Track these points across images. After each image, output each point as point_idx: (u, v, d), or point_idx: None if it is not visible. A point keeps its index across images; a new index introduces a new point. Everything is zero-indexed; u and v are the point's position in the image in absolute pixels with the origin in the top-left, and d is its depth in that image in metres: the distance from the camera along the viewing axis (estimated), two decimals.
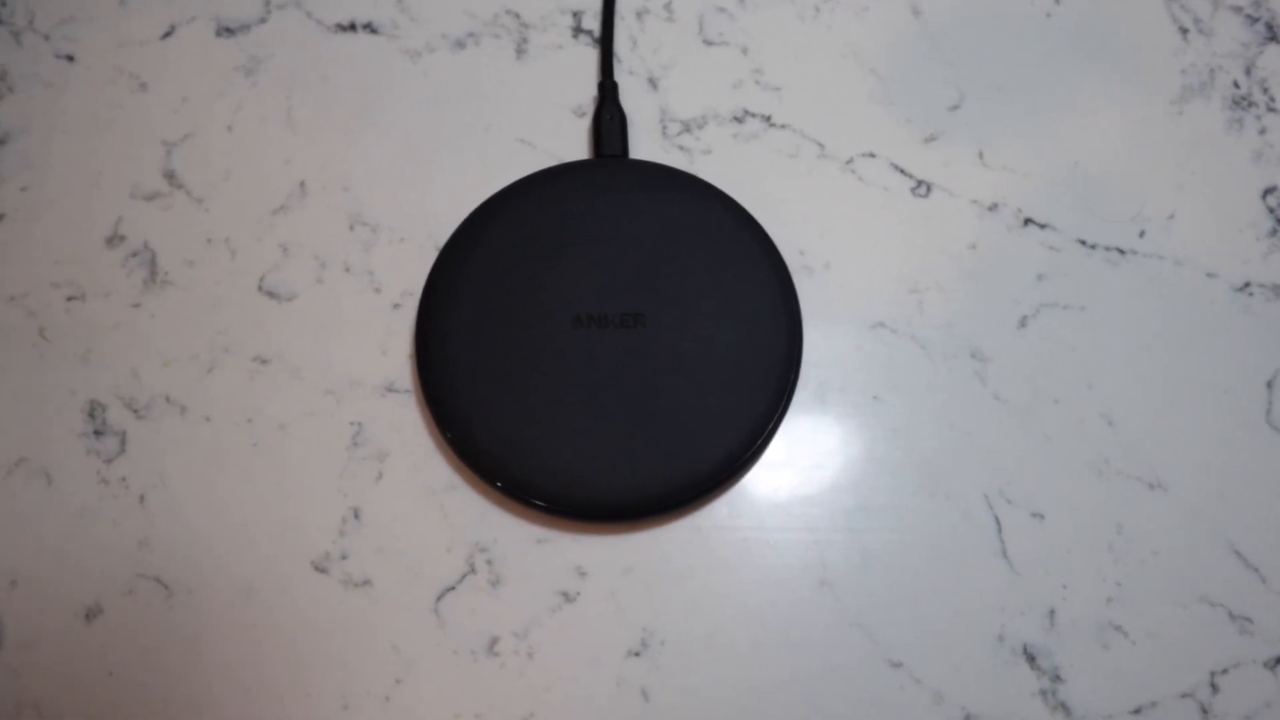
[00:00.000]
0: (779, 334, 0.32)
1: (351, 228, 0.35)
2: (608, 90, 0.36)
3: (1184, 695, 0.30)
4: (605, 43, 0.37)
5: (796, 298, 0.33)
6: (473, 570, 0.32)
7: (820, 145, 0.36)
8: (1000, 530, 0.32)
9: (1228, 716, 0.30)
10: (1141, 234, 0.35)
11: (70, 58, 0.38)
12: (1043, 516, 0.32)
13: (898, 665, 0.31)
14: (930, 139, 0.36)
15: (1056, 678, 0.31)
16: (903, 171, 0.36)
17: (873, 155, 0.36)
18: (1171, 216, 0.35)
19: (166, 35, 0.38)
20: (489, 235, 0.33)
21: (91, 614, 0.32)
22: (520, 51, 0.37)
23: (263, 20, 0.38)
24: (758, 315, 0.32)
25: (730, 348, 0.32)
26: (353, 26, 0.38)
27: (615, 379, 0.32)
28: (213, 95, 0.37)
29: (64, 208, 0.36)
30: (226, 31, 0.38)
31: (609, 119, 0.35)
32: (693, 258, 0.33)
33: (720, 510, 0.32)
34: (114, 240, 0.35)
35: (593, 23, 0.38)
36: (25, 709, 0.31)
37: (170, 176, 0.36)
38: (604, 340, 0.32)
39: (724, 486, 0.32)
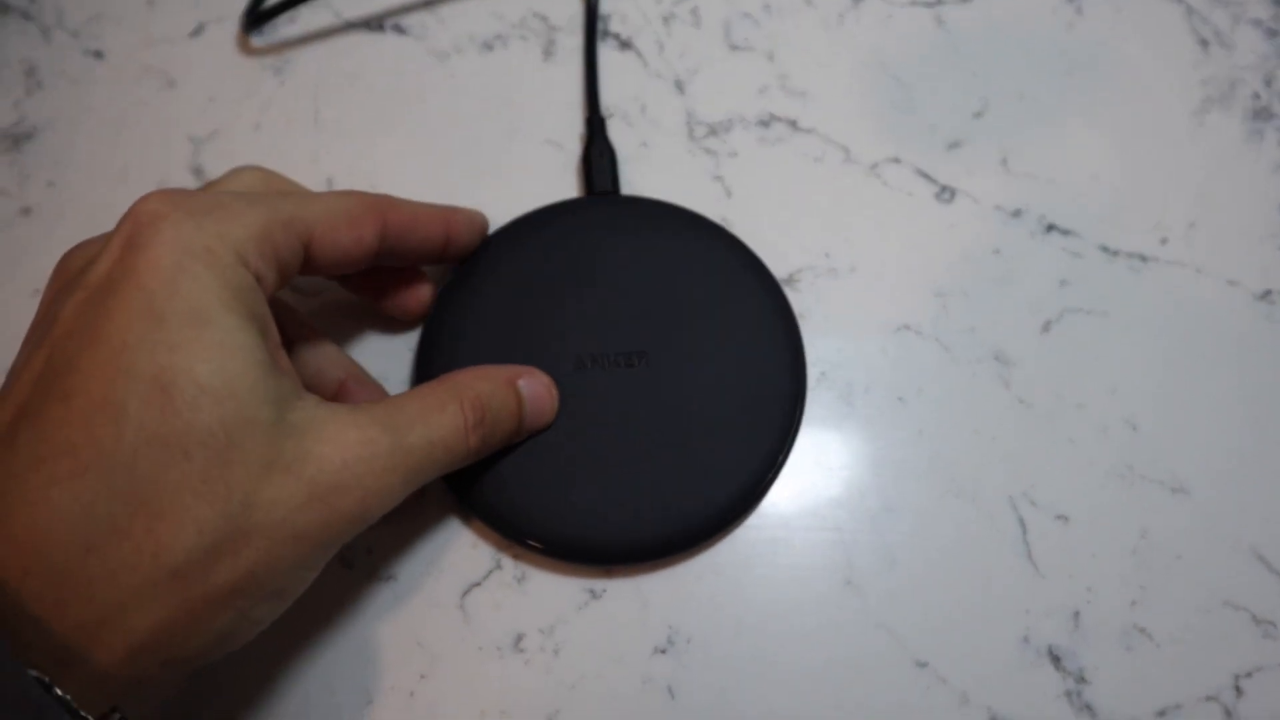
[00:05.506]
0: (781, 369, 0.32)
1: None
2: (595, 126, 0.36)
3: (1208, 698, 0.31)
4: (590, 78, 0.37)
5: (799, 333, 0.33)
6: (498, 566, 0.32)
7: (845, 150, 0.36)
8: (1025, 533, 0.32)
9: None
10: (1163, 241, 0.35)
11: (98, 54, 0.38)
12: (1067, 520, 0.32)
13: (923, 665, 0.31)
14: (954, 145, 0.36)
15: (1081, 679, 0.31)
16: (927, 177, 0.36)
17: (897, 161, 0.36)
18: (1192, 225, 0.35)
19: (195, 34, 0.38)
20: (484, 283, 0.33)
21: None
22: (548, 54, 0.38)
23: (292, 19, 0.38)
24: (758, 350, 0.32)
25: (732, 384, 0.31)
26: (381, 27, 0.38)
27: (617, 421, 0.31)
28: (241, 94, 0.38)
29: (90, 203, 0.36)
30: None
31: (599, 155, 0.35)
32: (691, 293, 0.32)
33: None
34: None
35: (620, 25, 0.38)
36: None
37: (198, 173, 0.36)
38: (605, 381, 0.31)
39: (729, 529, 0.32)
